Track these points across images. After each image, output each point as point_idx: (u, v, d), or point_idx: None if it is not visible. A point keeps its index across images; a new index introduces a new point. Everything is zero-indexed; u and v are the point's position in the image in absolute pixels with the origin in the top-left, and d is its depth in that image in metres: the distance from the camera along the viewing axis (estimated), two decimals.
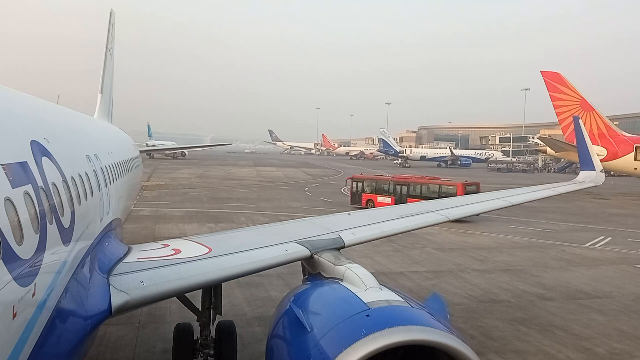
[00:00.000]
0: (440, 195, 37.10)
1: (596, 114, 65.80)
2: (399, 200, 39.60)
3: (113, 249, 9.40)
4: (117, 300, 7.26)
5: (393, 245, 26.88)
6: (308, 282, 8.65)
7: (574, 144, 35.12)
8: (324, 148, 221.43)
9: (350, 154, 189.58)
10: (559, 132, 79.63)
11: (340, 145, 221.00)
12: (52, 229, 5.72)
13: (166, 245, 9.66)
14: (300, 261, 9.55)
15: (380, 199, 41.64)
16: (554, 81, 68.15)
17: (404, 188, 40.92)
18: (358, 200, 42.90)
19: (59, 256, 5.91)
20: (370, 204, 41.42)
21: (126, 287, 7.50)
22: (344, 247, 9.77)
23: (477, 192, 36.74)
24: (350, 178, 45.57)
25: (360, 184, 43.63)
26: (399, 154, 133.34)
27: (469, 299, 18.58)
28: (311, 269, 9.18)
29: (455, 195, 34.92)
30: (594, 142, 55.02)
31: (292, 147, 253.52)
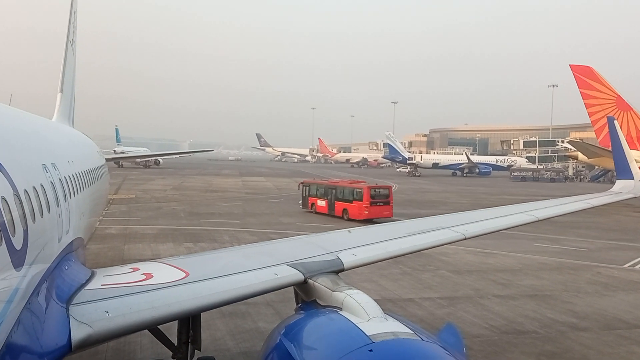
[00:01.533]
0: (354, 198, 45.69)
1: (634, 114, 66.28)
2: (330, 202, 48.47)
3: (74, 273, 9.36)
4: (77, 333, 7.21)
5: (401, 267, 26.88)
6: (301, 312, 8.66)
7: (609, 148, 35.39)
8: (321, 154, 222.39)
9: (351, 161, 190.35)
10: (592, 135, 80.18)
11: (340, 151, 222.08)
12: (1, 251, 5.69)
13: (136, 269, 9.62)
14: (292, 287, 9.55)
15: (319, 202, 50.25)
16: (585, 76, 68.71)
17: (333, 191, 48.73)
18: (306, 204, 51.78)
19: (10, 282, 5.87)
20: (314, 207, 50.63)
21: (88, 318, 7.46)
22: (343, 270, 9.78)
23: (388, 195, 46.53)
24: (301, 183, 54.79)
25: (307, 188, 52.41)
26: (408, 161, 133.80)
27: (490, 330, 18.57)
28: (305, 295, 9.18)
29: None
30: (632, 147, 55.30)
31: (283, 153, 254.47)
